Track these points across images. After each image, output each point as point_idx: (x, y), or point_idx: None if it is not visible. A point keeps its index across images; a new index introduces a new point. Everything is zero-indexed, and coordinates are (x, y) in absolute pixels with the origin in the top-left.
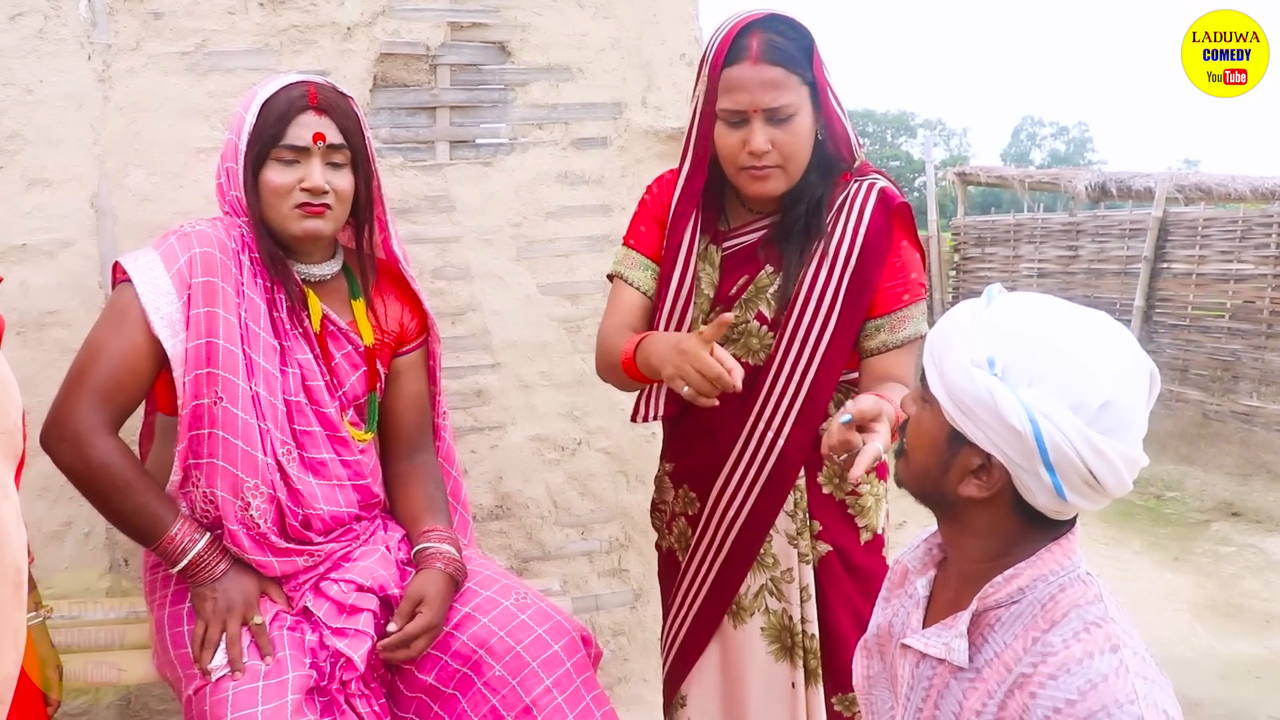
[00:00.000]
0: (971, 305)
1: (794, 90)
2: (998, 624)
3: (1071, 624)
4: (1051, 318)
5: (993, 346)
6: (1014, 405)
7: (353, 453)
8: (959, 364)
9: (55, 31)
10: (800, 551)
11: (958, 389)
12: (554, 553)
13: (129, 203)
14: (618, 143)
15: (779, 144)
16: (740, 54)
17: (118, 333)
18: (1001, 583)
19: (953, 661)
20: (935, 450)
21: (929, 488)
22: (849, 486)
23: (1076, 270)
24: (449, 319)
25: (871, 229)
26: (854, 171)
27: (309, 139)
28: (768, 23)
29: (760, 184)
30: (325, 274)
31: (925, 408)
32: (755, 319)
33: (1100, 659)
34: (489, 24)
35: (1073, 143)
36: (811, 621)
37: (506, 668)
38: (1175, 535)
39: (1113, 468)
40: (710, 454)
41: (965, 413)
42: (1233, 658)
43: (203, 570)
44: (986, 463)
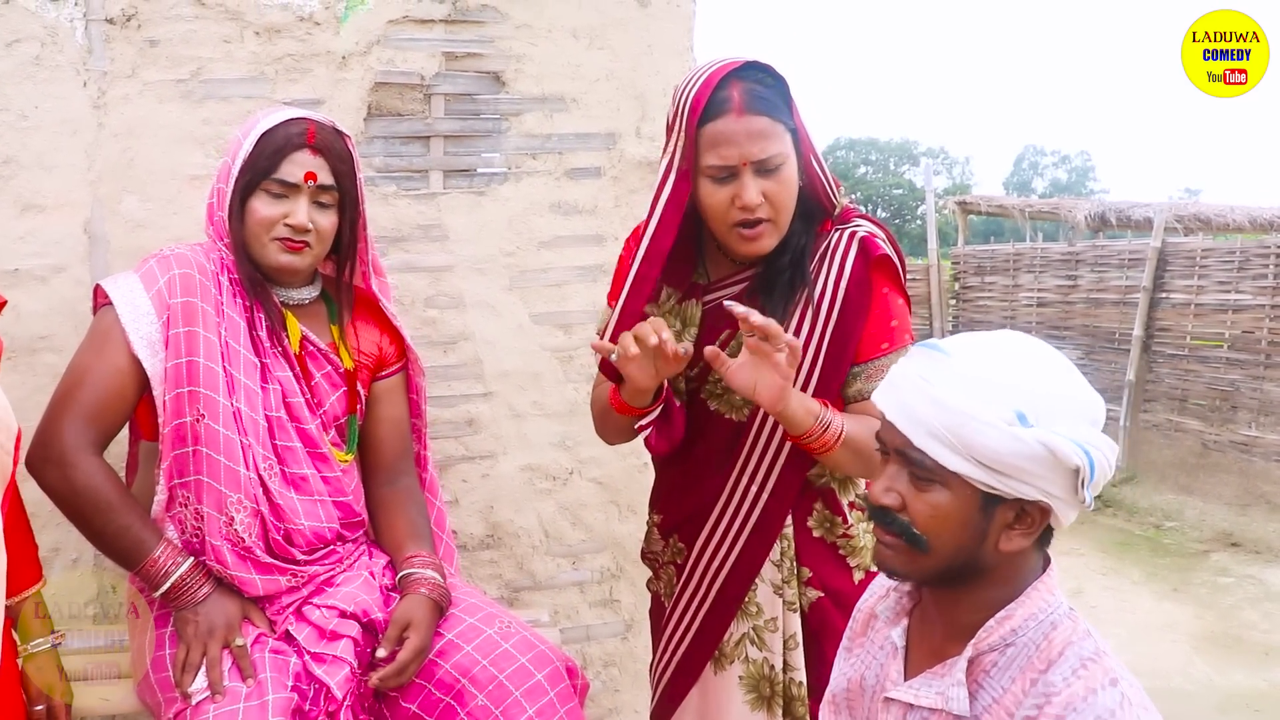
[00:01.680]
0: (931, 366)
1: (779, 139)
2: (993, 669)
3: (1069, 661)
4: (1022, 353)
5: (1013, 400)
6: (1070, 446)
7: (333, 469)
8: (991, 429)
9: (51, 58)
10: (786, 600)
11: (1000, 452)
12: (545, 583)
13: (122, 229)
14: (611, 173)
15: (770, 196)
16: (722, 106)
17: (100, 355)
18: (994, 625)
19: (951, 711)
20: (967, 525)
21: (963, 560)
22: (840, 529)
23: (1075, 300)
24: (441, 348)
25: (852, 281)
26: (835, 218)
27: (300, 177)
28: (746, 71)
29: (752, 244)
30: (304, 298)
31: (932, 489)
32: None
33: (1103, 694)
34: (484, 54)
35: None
36: (798, 669)
37: (490, 697)
38: (1174, 566)
39: (1111, 459)
40: (697, 505)
41: (1009, 473)
42: (1231, 690)
43: (185, 594)
44: (1022, 511)
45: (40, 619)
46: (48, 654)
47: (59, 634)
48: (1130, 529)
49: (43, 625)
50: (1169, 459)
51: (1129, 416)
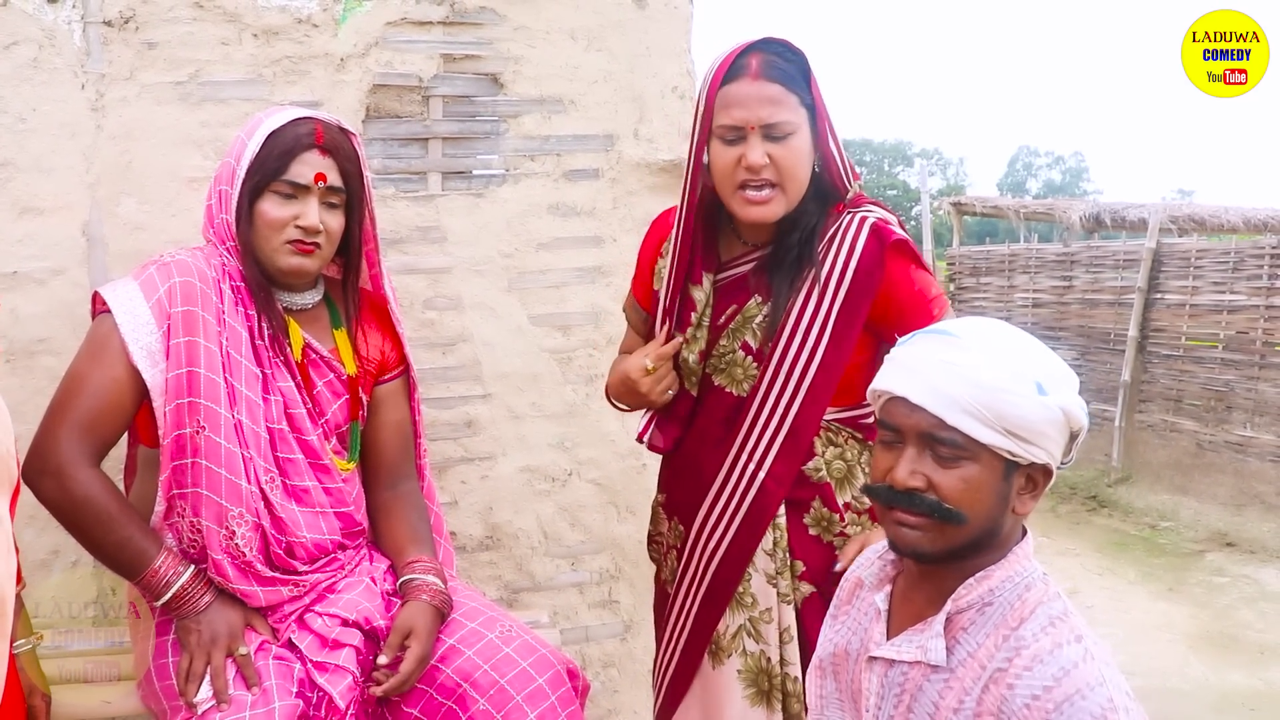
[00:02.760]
0: (946, 349)
1: (792, 109)
2: (970, 625)
3: (1039, 619)
4: (1008, 330)
5: (1029, 373)
6: (1081, 410)
7: (335, 480)
8: (1024, 400)
9: (49, 60)
10: (780, 591)
11: (1032, 420)
12: (544, 584)
13: (120, 231)
14: (609, 174)
15: (776, 160)
16: (739, 71)
17: (98, 364)
18: (974, 584)
19: (929, 662)
20: (995, 492)
21: (985, 532)
22: (837, 528)
23: (1071, 300)
24: (440, 349)
25: (863, 263)
26: (848, 203)
27: (310, 178)
28: (766, 44)
29: (758, 208)
30: (307, 303)
31: (959, 465)
32: (740, 348)
33: (1068, 648)
34: (482, 56)
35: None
36: (793, 664)
37: (491, 701)
38: (1169, 565)
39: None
40: (695, 486)
41: (1035, 439)
42: (1227, 689)
43: (187, 603)
44: (1028, 476)
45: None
46: (28, 654)
47: (38, 635)
48: (1126, 529)
49: (24, 627)
50: (1164, 459)
51: (1124, 417)
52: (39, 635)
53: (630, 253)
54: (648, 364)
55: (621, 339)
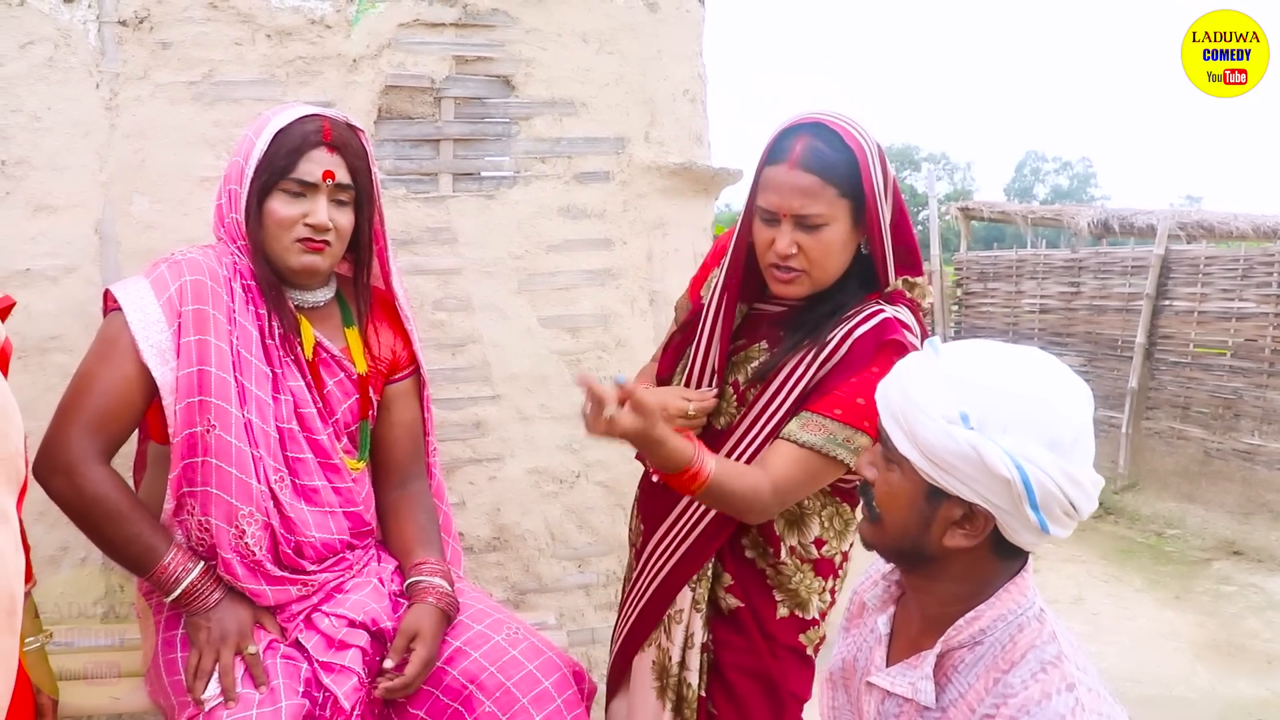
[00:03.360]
0: (919, 361)
1: (827, 202)
2: (961, 665)
3: (1030, 664)
4: (1005, 363)
5: (962, 401)
6: (999, 455)
7: (344, 480)
8: (932, 422)
9: (64, 60)
10: (695, 598)
11: (935, 447)
12: (551, 585)
13: (133, 230)
14: (620, 177)
15: (805, 249)
16: (780, 155)
17: (108, 362)
18: (964, 625)
19: (919, 701)
20: (913, 509)
21: (908, 545)
22: (769, 559)
23: (1078, 306)
24: (449, 350)
25: (854, 349)
26: (883, 295)
27: (319, 175)
28: (816, 129)
29: (784, 286)
30: (319, 300)
31: (893, 469)
32: (730, 385)
33: (1058, 699)
34: (494, 58)
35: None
36: (691, 670)
37: (497, 704)
38: (1176, 574)
39: (1087, 494)
40: (663, 499)
41: (945, 469)
42: (1234, 699)
43: (196, 599)
44: (969, 512)
45: (31, 618)
46: (37, 653)
47: (47, 633)
48: (1132, 536)
49: (33, 624)
50: (1171, 467)
51: (1131, 424)
52: (48, 633)
53: (640, 255)
54: (691, 410)
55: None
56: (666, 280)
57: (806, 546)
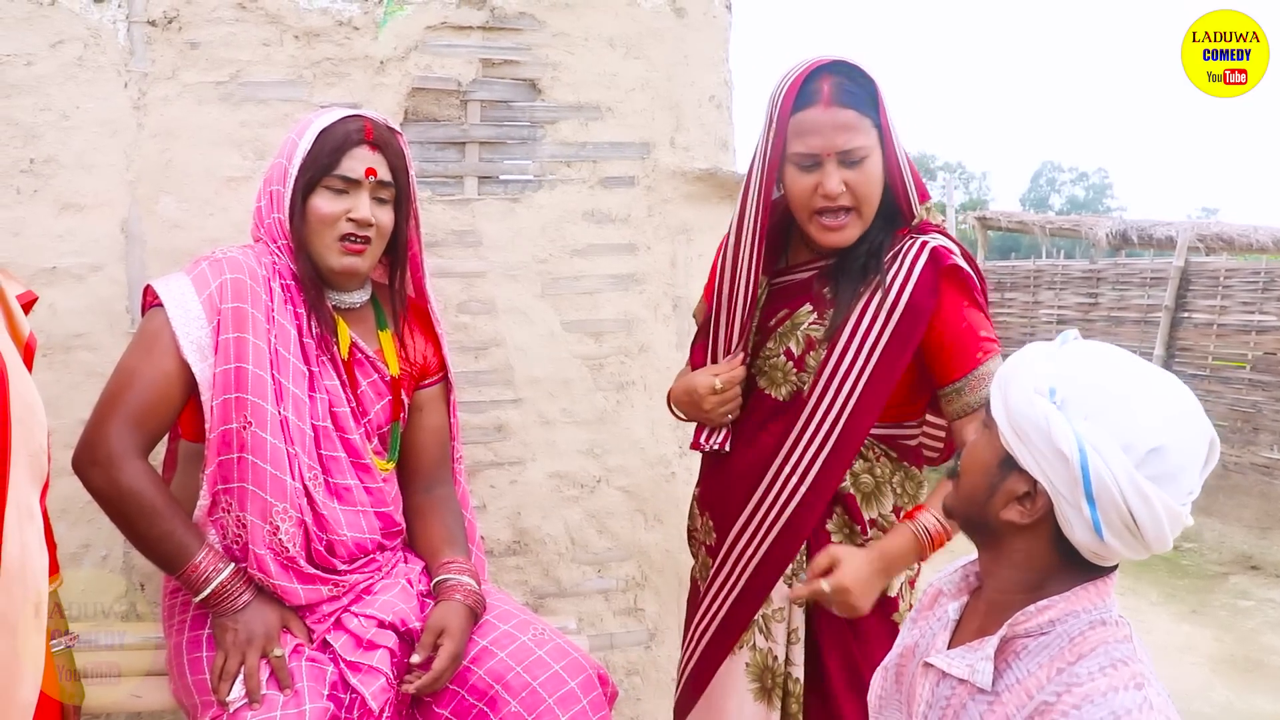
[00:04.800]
0: (1045, 344)
1: (866, 133)
2: (1024, 652)
3: (1099, 658)
4: (1116, 365)
5: (1057, 378)
6: (1066, 432)
7: (375, 480)
8: (1022, 390)
9: (94, 59)
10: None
11: (1017, 413)
12: (570, 590)
13: (159, 229)
14: (645, 182)
15: (852, 185)
16: (812, 98)
17: (149, 358)
18: (1034, 612)
19: (975, 683)
20: (986, 473)
21: (974, 511)
22: (858, 539)
23: (1096, 318)
24: (472, 354)
25: (919, 287)
26: (913, 228)
27: (361, 172)
28: (836, 67)
29: (835, 234)
30: (355, 302)
31: (985, 433)
32: (784, 354)
33: (1125, 694)
34: (520, 61)
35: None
36: (797, 665)
37: (523, 704)
38: (1193, 587)
39: (1154, 516)
40: (728, 485)
41: (1020, 436)
42: (1252, 714)
43: (225, 600)
44: (1032, 490)
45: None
46: (63, 655)
47: (72, 635)
48: None
49: (58, 623)
50: None
51: None
52: (74, 635)
53: (664, 260)
54: (717, 384)
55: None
56: (690, 286)
57: (886, 517)
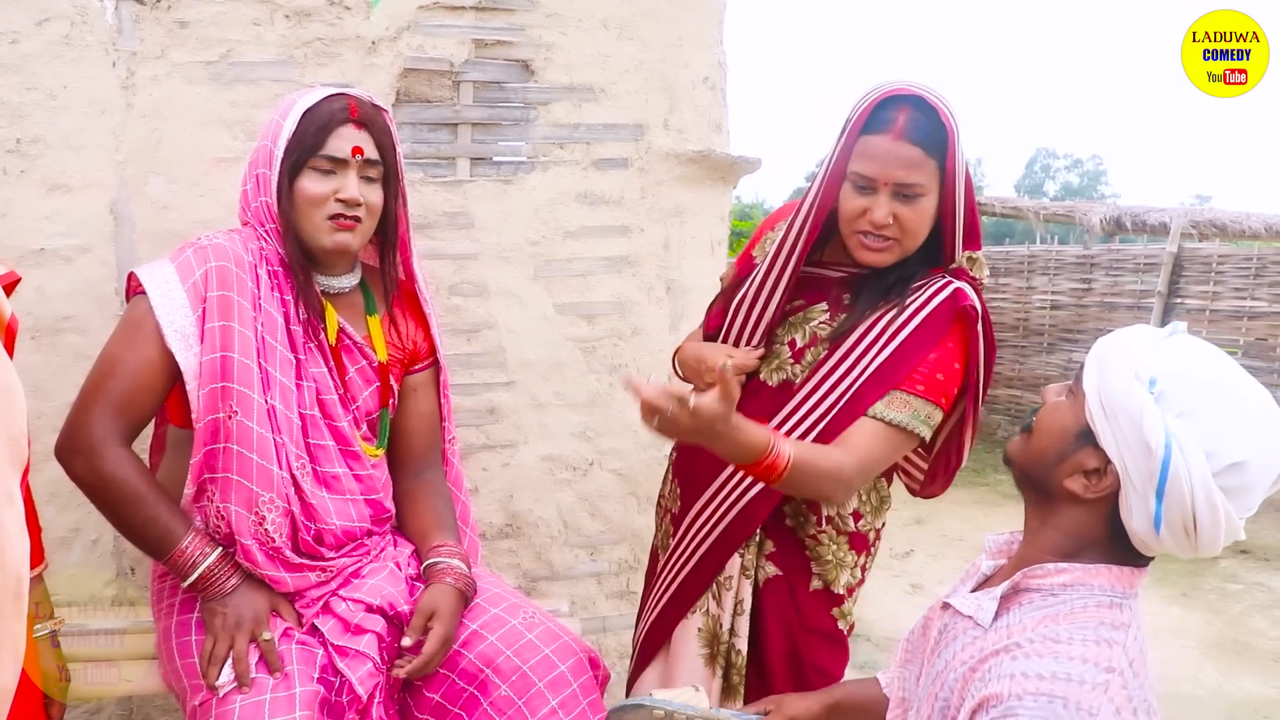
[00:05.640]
0: (1152, 331)
1: (928, 173)
2: (1027, 605)
3: (1086, 630)
4: (1222, 370)
5: (1160, 370)
6: (1158, 426)
7: (365, 467)
8: (1123, 371)
9: (81, 38)
10: (744, 564)
11: (1111, 392)
12: (563, 573)
13: (148, 210)
14: (638, 164)
15: (901, 219)
16: (883, 125)
17: (132, 346)
18: (1051, 570)
19: (977, 619)
20: (1062, 438)
21: (1038, 471)
22: (810, 528)
23: (1089, 303)
24: (465, 336)
25: (930, 316)
26: (948, 270)
27: (348, 151)
28: (916, 101)
29: (873, 254)
30: (344, 286)
31: (1069, 399)
32: (787, 344)
33: (1089, 668)
34: (513, 42)
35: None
36: (741, 637)
37: (513, 687)
38: (1183, 571)
39: (1215, 524)
40: (704, 458)
41: (1108, 415)
42: (1241, 697)
43: (213, 585)
44: (1102, 468)
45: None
46: (46, 643)
47: (57, 621)
48: None
49: (43, 610)
50: None
51: None
52: (59, 620)
53: (657, 243)
54: (727, 365)
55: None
56: (683, 268)
57: (844, 518)
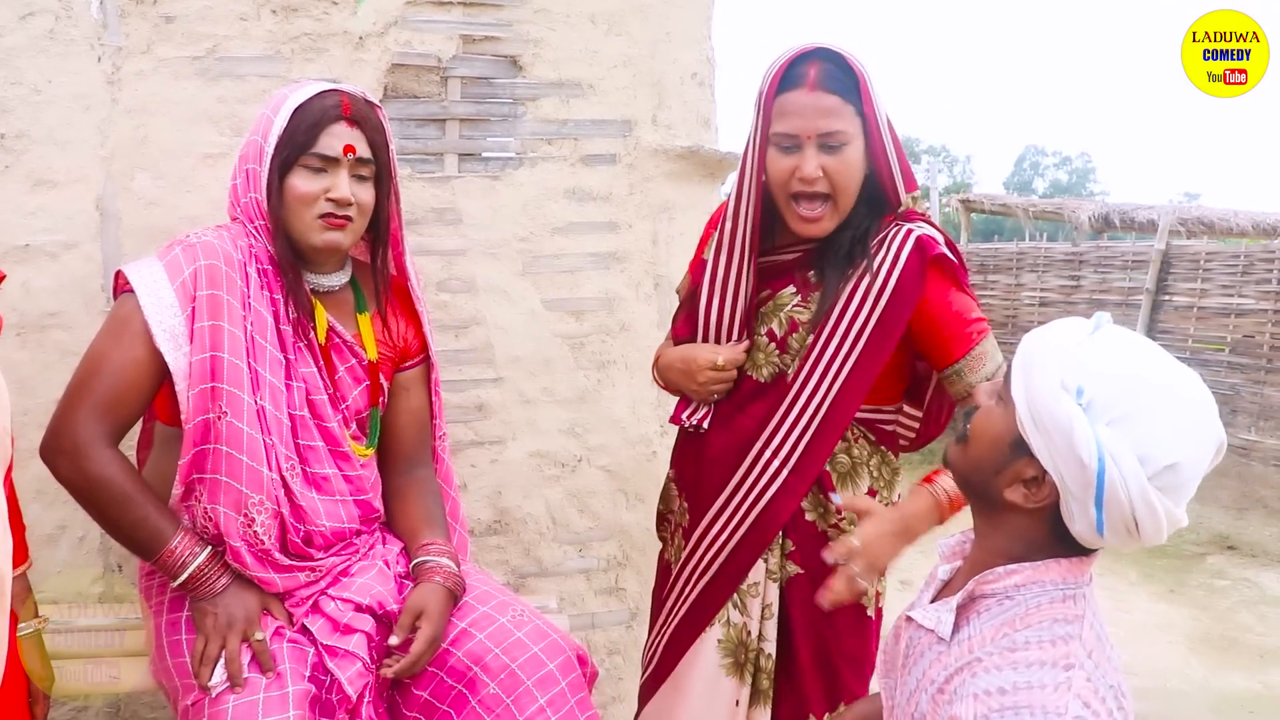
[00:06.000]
0: (1076, 327)
1: (847, 119)
2: (985, 612)
3: (1041, 631)
4: (1148, 368)
5: (1085, 378)
6: (1088, 439)
7: (354, 468)
8: (1048, 382)
9: (65, 32)
10: (769, 568)
11: (1039, 405)
12: (551, 570)
13: (134, 206)
14: (626, 160)
15: (830, 171)
16: (796, 81)
17: (119, 345)
18: (1002, 574)
19: (938, 633)
20: (996, 448)
21: (976, 479)
22: (832, 519)
23: (1078, 300)
24: (453, 332)
25: (905, 274)
26: (898, 215)
27: (339, 150)
28: (823, 54)
29: (810, 225)
30: (334, 285)
31: (999, 405)
32: (766, 335)
33: (1048, 670)
34: (501, 38)
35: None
36: (770, 641)
37: (501, 685)
38: (1171, 567)
39: (1156, 523)
40: (714, 465)
41: (1039, 428)
42: (1227, 692)
43: (203, 584)
44: (1040, 478)
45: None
46: (32, 639)
47: (42, 619)
48: None
49: (28, 608)
50: None
51: None
52: (43, 619)
53: (645, 239)
54: (720, 361)
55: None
56: (672, 264)
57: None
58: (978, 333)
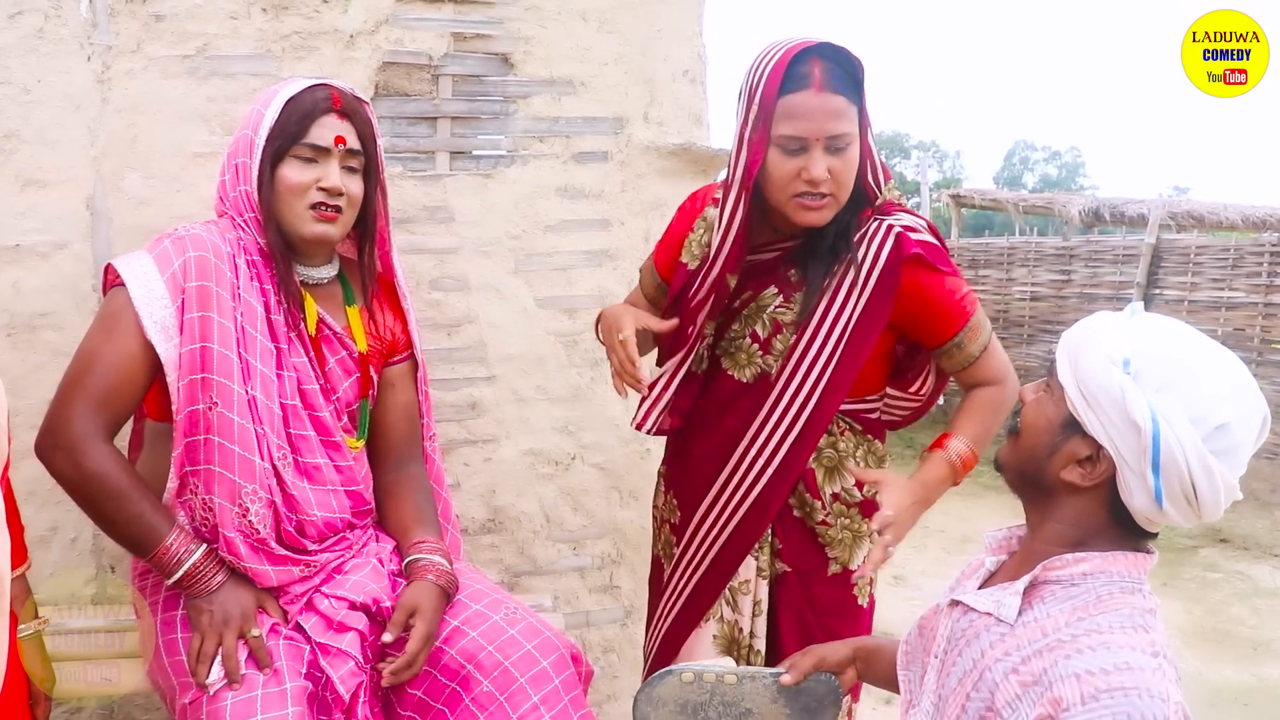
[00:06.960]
0: (1112, 315)
1: (852, 119)
2: (1050, 597)
3: (1122, 618)
4: (1187, 339)
5: (1131, 350)
6: (1141, 404)
7: (345, 458)
8: (1096, 357)
9: (55, 31)
10: (759, 565)
11: (1089, 379)
12: (545, 568)
13: (125, 205)
14: (618, 157)
15: (835, 172)
16: (802, 81)
17: (111, 339)
18: (1070, 560)
19: (999, 616)
20: (1049, 432)
21: (1031, 468)
22: (818, 515)
23: (1069, 294)
24: (445, 330)
25: (884, 269)
26: (876, 209)
27: (330, 140)
28: (824, 51)
29: (814, 214)
30: (323, 277)
31: (1047, 394)
32: (749, 336)
33: (1140, 654)
34: (492, 35)
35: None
36: (759, 637)
37: (495, 683)
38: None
39: (1213, 488)
40: (699, 465)
41: (1090, 403)
42: (1221, 684)
43: (199, 582)
44: (1095, 454)
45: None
46: (33, 641)
47: (42, 620)
48: None
49: (27, 609)
50: None
51: None
52: (43, 620)
53: (637, 236)
54: (625, 335)
55: None
56: None
57: (849, 491)
58: (970, 304)
